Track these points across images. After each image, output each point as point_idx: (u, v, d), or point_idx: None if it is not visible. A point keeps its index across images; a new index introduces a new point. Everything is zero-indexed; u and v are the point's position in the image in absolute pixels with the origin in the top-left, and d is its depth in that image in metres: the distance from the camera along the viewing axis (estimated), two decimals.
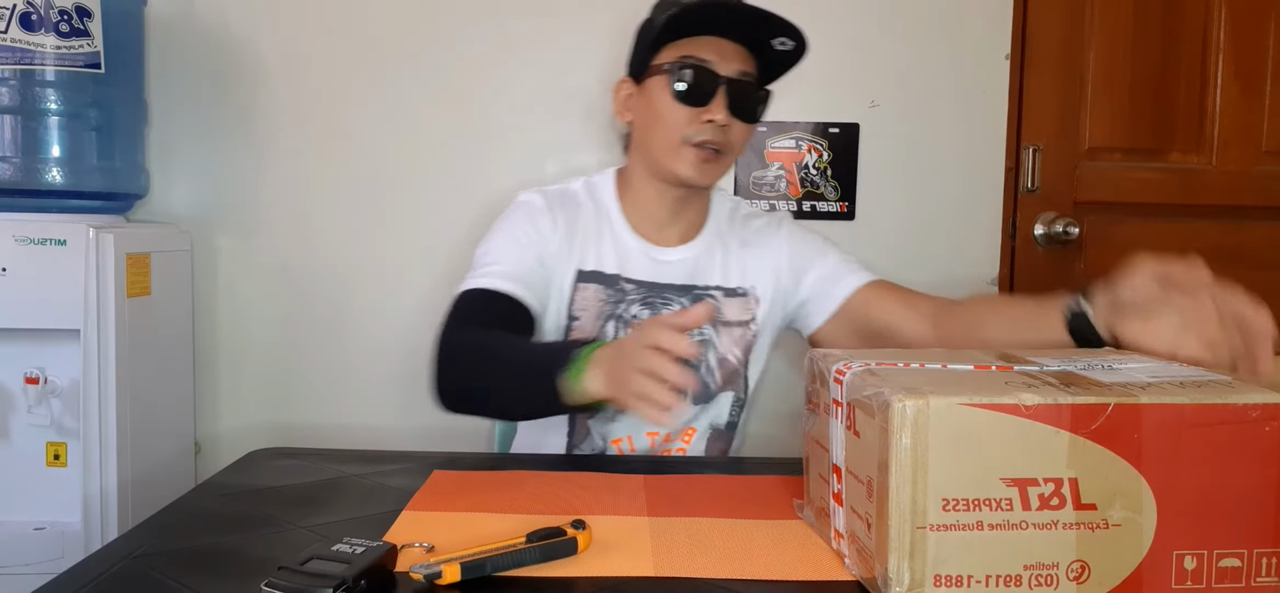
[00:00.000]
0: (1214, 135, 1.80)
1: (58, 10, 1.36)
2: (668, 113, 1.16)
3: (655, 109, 1.18)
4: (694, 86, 1.15)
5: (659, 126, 1.18)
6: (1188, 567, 0.65)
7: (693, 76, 1.15)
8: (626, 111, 1.24)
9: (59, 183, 1.41)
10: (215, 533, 0.82)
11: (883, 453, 0.65)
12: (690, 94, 1.15)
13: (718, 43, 1.16)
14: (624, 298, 1.22)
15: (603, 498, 0.92)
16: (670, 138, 1.17)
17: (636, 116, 1.23)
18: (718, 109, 1.15)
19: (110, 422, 1.38)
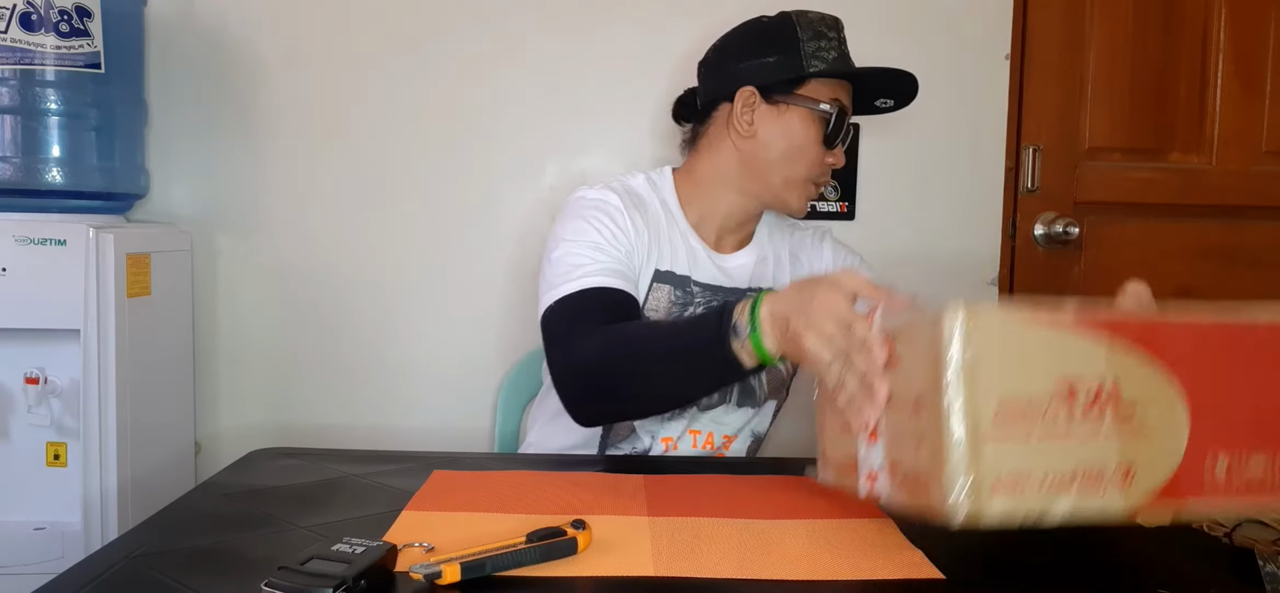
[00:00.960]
0: (1214, 135, 1.80)
1: (58, 10, 1.36)
2: (808, 149, 1.17)
3: (793, 139, 1.17)
4: (839, 132, 1.17)
5: (792, 158, 1.18)
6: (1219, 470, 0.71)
7: (843, 124, 1.17)
8: (749, 127, 1.18)
9: (59, 183, 1.41)
10: (215, 533, 0.82)
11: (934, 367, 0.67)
12: (833, 138, 1.17)
13: (847, 86, 1.19)
14: (692, 301, 1.21)
15: (603, 498, 0.92)
16: (799, 172, 1.18)
17: (761, 133, 1.18)
18: (840, 154, 1.20)
19: (110, 422, 1.38)
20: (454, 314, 1.69)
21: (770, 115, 1.18)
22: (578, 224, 1.15)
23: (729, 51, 1.23)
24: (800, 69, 1.15)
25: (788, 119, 1.17)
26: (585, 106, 1.68)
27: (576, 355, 1.05)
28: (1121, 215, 1.80)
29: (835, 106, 1.16)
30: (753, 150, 1.19)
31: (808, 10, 1.19)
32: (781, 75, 1.17)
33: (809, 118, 1.16)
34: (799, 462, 1.01)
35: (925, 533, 0.84)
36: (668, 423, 1.23)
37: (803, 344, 0.84)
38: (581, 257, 1.12)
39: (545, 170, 1.69)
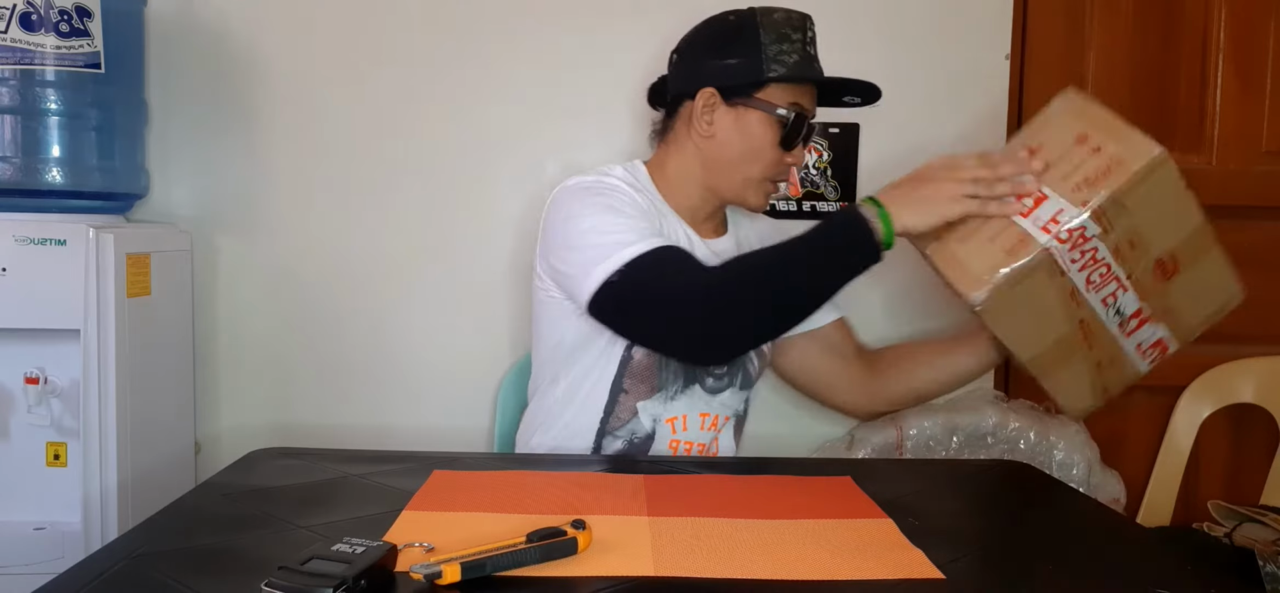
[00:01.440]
0: (1214, 135, 1.79)
1: (58, 10, 1.36)
2: (766, 151, 1.20)
3: (751, 141, 1.19)
4: (797, 135, 1.20)
5: (749, 159, 1.20)
6: None
7: (801, 128, 1.19)
8: (709, 127, 1.21)
9: (59, 183, 1.41)
10: (215, 533, 0.82)
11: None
12: (790, 140, 1.19)
13: (809, 88, 1.22)
14: None
15: (603, 498, 0.92)
16: (756, 172, 1.21)
17: (720, 133, 1.21)
18: (800, 154, 1.22)
19: (110, 422, 1.38)
20: (454, 314, 1.69)
21: (729, 117, 1.20)
22: (597, 200, 1.16)
23: (695, 48, 1.25)
24: (760, 73, 1.17)
25: (746, 121, 1.19)
26: (585, 106, 1.68)
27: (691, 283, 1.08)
28: None
29: (793, 110, 1.18)
30: (712, 150, 1.22)
31: (775, 9, 1.21)
32: (741, 78, 1.19)
33: (767, 120, 1.19)
34: (796, 462, 1.01)
35: (925, 533, 0.84)
36: (671, 404, 1.24)
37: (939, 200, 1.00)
38: (622, 227, 1.12)
39: (545, 170, 1.69)
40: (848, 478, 1.02)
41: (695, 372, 1.24)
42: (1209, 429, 1.77)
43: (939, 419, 1.63)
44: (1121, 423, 1.80)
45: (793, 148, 1.20)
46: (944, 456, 1.61)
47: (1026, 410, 1.65)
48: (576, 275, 1.14)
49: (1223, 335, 1.80)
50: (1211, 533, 1.50)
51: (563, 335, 1.24)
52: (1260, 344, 1.80)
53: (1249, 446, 1.80)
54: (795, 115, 1.18)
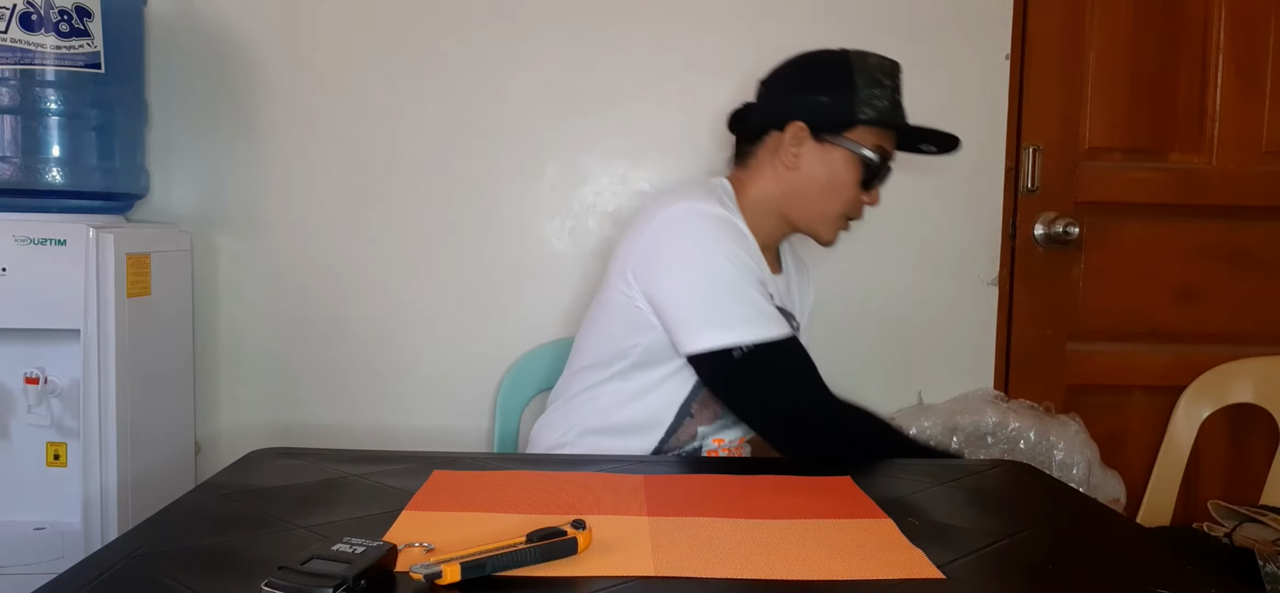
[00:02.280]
0: (1214, 135, 1.80)
1: (58, 10, 1.36)
2: (846, 189, 1.24)
3: (834, 177, 1.23)
4: (878, 176, 1.25)
5: (830, 194, 1.24)
6: None
7: (883, 169, 1.24)
8: (794, 159, 1.24)
9: (59, 183, 1.41)
10: (215, 533, 0.82)
11: None
12: (871, 181, 1.24)
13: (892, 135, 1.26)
14: None
15: (603, 498, 0.92)
16: (834, 209, 1.26)
17: (804, 166, 1.24)
18: (876, 194, 1.27)
19: (110, 422, 1.38)
20: (454, 314, 1.69)
21: (816, 152, 1.24)
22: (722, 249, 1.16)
23: (787, 81, 1.28)
24: (851, 113, 1.21)
25: (831, 157, 1.23)
26: (585, 106, 1.68)
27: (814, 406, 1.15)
28: (1121, 215, 1.80)
29: (878, 153, 1.23)
30: (794, 182, 1.25)
31: (870, 53, 1.24)
32: (832, 116, 1.23)
33: (852, 160, 1.23)
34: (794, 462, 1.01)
35: (925, 533, 0.84)
36: (727, 430, 1.27)
37: None
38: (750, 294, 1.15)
39: (545, 170, 1.69)
40: (848, 478, 1.02)
41: None
42: (1209, 429, 1.77)
43: (939, 419, 1.63)
44: (1121, 423, 1.80)
45: (872, 188, 1.26)
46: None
47: (1026, 410, 1.66)
48: (687, 322, 1.15)
49: (1223, 335, 1.81)
50: (1211, 533, 1.50)
51: (636, 344, 1.22)
52: (1260, 344, 1.80)
53: (1249, 445, 1.80)
54: (880, 157, 1.23)
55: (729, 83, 1.67)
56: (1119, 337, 1.82)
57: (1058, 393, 1.78)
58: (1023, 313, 1.79)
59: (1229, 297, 1.82)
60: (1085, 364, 1.81)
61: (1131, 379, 1.82)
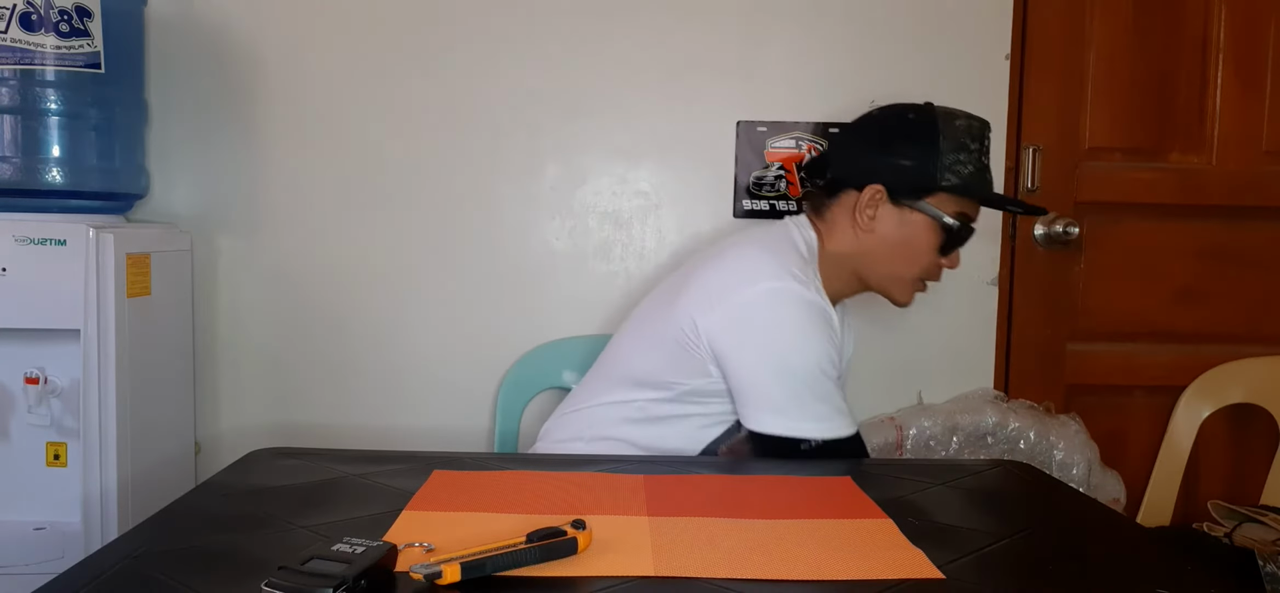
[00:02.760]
0: (1214, 135, 1.80)
1: (58, 10, 1.36)
2: (924, 255, 1.21)
3: (912, 243, 1.21)
4: (958, 242, 1.22)
5: (907, 259, 1.22)
6: None
7: (964, 236, 1.21)
8: (871, 222, 1.21)
9: (59, 183, 1.41)
10: (215, 533, 0.82)
11: None
12: (951, 247, 1.21)
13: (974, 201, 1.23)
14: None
15: (603, 498, 0.92)
16: (910, 274, 1.23)
17: (882, 230, 1.21)
18: (956, 258, 1.23)
19: (110, 422, 1.38)
20: (454, 314, 1.69)
21: (894, 216, 1.20)
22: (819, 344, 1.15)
23: (868, 138, 1.25)
24: (933, 181, 1.18)
25: (910, 222, 1.20)
26: (585, 106, 1.68)
27: None
28: (1121, 215, 1.80)
29: (959, 219, 1.20)
30: (870, 245, 1.22)
31: (957, 113, 1.21)
32: (913, 181, 1.19)
33: (932, 226, 1.20)
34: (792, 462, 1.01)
35: (925, 533, 0.84)
36: None
37: None
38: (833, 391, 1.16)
39: (545, 170, 1.69)
40: (848, 478, 1.02)
41: None
42: (1209, 429, 1.77)
43: (939, 419, 1.63)
44: (1121, 423, 1.80)
45: (951, 252, 1.22)
46: (944, 456, 1.61)
47: (1026, 410, 1.66)
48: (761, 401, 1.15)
49: (1223, 335, 1.81)
50: (1211, 533, 1.50)
51: (683, 383, 1.21)
52: (1260, 344, 1.80)
53: (1249, 446, 1.80)
54: (961, 224, 1.20)
55: (729, 82, 1.67)
56: (1119, 337, 1.82)
57: (1058, 393, 1.78)
58: (1023, 313, 1.79)
59: (1229, 297, 1.82)
60: (1085, 364, 1.81)
61: (1131, 379, 1.82)
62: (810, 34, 1.68)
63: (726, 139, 1.67)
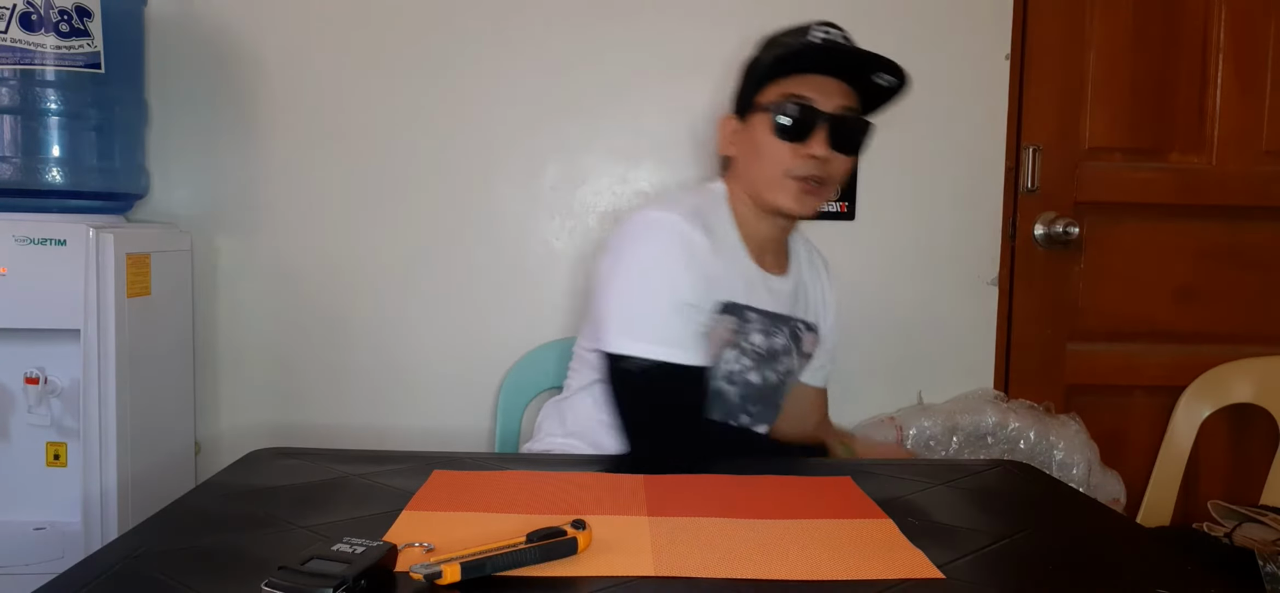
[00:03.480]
0: (1214, 135, 1.80)
1: (58, 10, 1.36)
2: (770, 149, 1.21)
3: (758, 145, 1.22)
4: (796, 123, 1.19)
5: (762, 161, 1.22)
6: None
7: (795, 113, 1.19)
8: (731, 146, 1.27)
9: (59, 183, 1.41)
10: (215, 533, 0.82)
11: None
12: (792, 130, 1.19)
13: (821, 80, 1.20)
14: (746, 326, 1.23)
15: (603, 498, 0.92)
16: (772, 172, 1.22)
17: (740, 151, 1.25)
18: (819, 144, 1.19)
19: (110, 422, 1.38)
20: (454, 314, 1.69)
21: (743, 131, 1.25)
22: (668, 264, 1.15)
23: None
24: (755, 81, 1.22)
25: (752, 128, 1.23)
26: (585, 106, 1.68)
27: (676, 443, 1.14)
28: (1121, 215, 1.80)
29: (790, 101, 1.19)
30: (739, 168, 1.26)
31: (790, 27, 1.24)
32: (743, 93, 1.25)
33: (765, 119, 1.21)
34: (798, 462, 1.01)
35: (925, 533, 0.84)
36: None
37: None
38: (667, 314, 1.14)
39: (545, 170, 1.69)
40: (848, 478, 1.02)
41: (735, 410, 1.26)
42: (1209, 429, 1.77)
43: (939, 419, 1.63)
44: (1121, 423, 1.80)
45: (803, 138, 1.18)
46: (944, 456, 1.61)
47: (1026, 410, 1.66)
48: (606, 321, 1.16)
49: (1223, 335, 1.81)
50: (1211, 533, 1.50)
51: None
52: (1260, 344, 1.80)
53: (1249, 446, 1.80)
54: (794, 105, 1.18)
55: (729, 82, 1.67)
56: (1119, 337, 1.82)
57: (1058, 393, 1.78)
58: (1023, 313, 1.79)
59: (1229, 297, 1.82)
60: (1085, 364, 1.81)
61: (1131, 379, 1.82)
62: None
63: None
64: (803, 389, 1.40)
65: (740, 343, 1.22)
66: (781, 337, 1.27)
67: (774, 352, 1.26)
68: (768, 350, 1.25)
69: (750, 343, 1.23)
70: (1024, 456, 1.59)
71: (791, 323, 1.29)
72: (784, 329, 1.27)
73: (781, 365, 1.28)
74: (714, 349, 1.20)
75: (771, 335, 1.26)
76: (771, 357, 1.26)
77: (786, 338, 1.28)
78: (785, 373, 1.29)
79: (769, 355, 1.26)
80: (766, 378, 1.27)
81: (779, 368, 1.28)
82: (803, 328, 1.31)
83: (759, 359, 1.25)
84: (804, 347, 1.32)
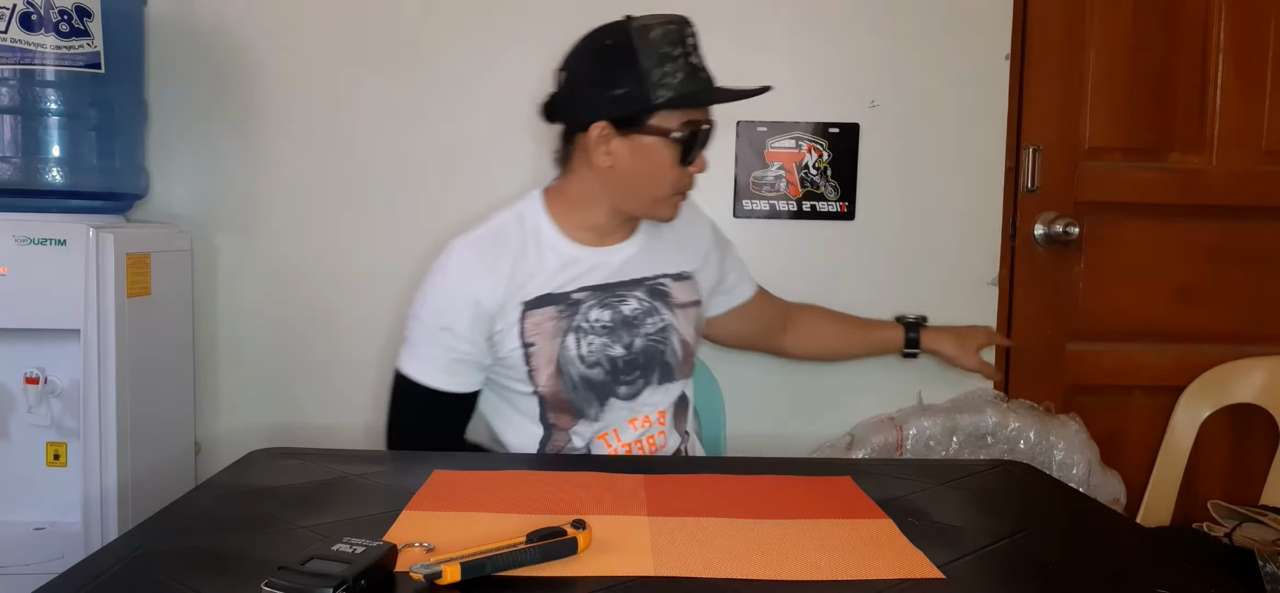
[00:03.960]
0: (1214, 135, 1.79)
1: (58, 10, 1.36)
2: (666, 171, 1.21)
3: (651, 165, 1.21)
4: (694, 149, 1.21)
5: (652, 181, 1.22)
6: None
7: (697, 141, 1.21)
8: (607, 157, 1.21)
9: (59, 183, 1.41)
10: (215, 533, 0.82)
11: None
12: (688, 157, 1.21)
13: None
14: (579, 307, 1.24)
15: (603, 498, 0.92)
16: (661, 191, 1.23)
17: (618, 163, 1.21)
18: (702, 162, 1.23)
19: (110, 422, 1.38)
20: None
21: (625, 146, 1.21)
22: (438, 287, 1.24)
23: (580, 77, 1.24)
24: (648, 101, 1.17)
25: (643, 148, 1.20)
26: None
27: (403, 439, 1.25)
28: (1121, 215, 1.80)
29: (687, 128, 1.19)
30: (614, 178, 1.23)
31: (651, 23, 1.18)
32: (631, 108, 1.18)
33: (664, 144, 1.19)
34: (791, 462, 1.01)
35: (925, 533, 0.84)
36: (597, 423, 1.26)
37: None
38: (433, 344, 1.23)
39: (546, 170, 1.68)
40: (848, 478, 1.02)
41: (607, 389, 1.25)
42: (1209, 429, 1.77)
43: (939, 419, 1.63)
44: (1121, 423, 1.80)
45: (692, 162, 1.22)
46: (944, 456, 1.61)
47: (1026, 410, 1.66)
48: (405, 339, 1.27)
49: (1223, 335, 1.81)
50: (1211, 533, 1.50)
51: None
52: (1260, 344, 1.80)
53: (1249, 445, 1.80)
54: (689, 134, 1.19)
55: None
56: (1119, 337, 1.82)
57: (1058, 393, 1.78)
58: (1023, 313, 1.79)
59: (1229, 297, 1.82)
60: (1085, 364, 1.81)
61: (1131, 379, 1.82)
62: (810, 34, 1.68)
63: (726, 139, 1.67)
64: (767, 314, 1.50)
65: (578, 325, 1.23)
66: (634, 301, 1.26)
67: (629, 319, 1.25)
68: (619, 319, 1.25)
69: (589, 321, 1.23)
70: (1024, 456, 1.59)
71: (645, 283, 1.28)
72: (635, 292, 1.27)
73: (648, 326, 1.27)
74: (545, 341, 1.22)
75: (618, 304, 1.25)
76: (628, 324, 1.25)
77: (643, 299, 1.27)
78: (659, 331, 1.27)
79: (624, 323, 1.25)
80: (632, 345, 1.26)
81: (644, 330, 1.27)
82: (668, 280, 1.30)
83: (611, 330, 1.24)
84: (673, 298, 1.30)
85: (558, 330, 1.22)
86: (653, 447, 1.28)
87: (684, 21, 1.20)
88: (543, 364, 1.22)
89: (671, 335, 1.29)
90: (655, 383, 1.28)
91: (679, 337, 1.30)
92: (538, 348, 1.22)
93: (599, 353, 1.24)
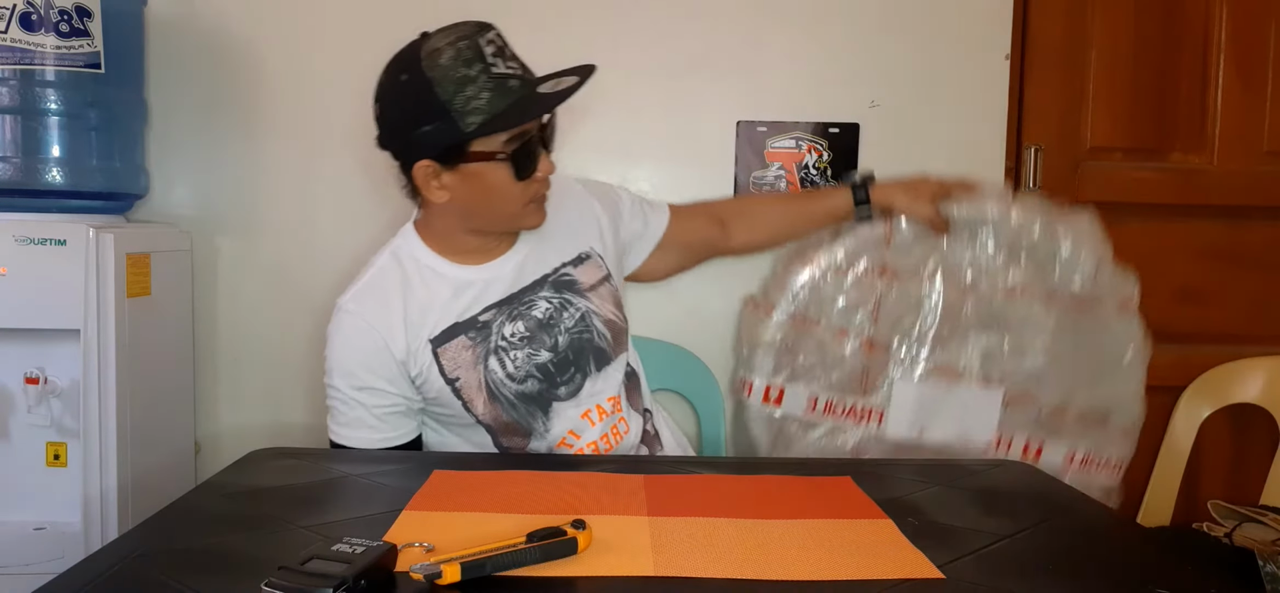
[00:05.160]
0: (1215, 135, 1.79)
1: (58, 10, 1.36)
2: (508, 187, 1.15)
3: (489, 188, 1.15)
4: (530, 160, 1.15)
5: (496, 201, 1.17)
6: None
7: (531, 150, 1.15)
8: (442, 192, 1.16)
9: (59, 183, 1.41)
10: (215, 533, 0.82)
11: None
12: (527, 168, 1.15)
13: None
14: (490, 328, 1.21)
15: (603, 498, 0.92)
16: (514, 207, 1.18)
17: (457, 194, 1.16)
18: (546, 162, 1.18)
19: (110, 422, 1.38)
20: None
21: (456, 177, 1.15)
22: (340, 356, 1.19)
23: (387, 117, 1.17)
24: (460, 135, 1.10)
25: (474, 175, 1.14)
26: (581, 106, 1.67)
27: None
28: (1122, 215, 1.79)
29: (515, 144, 1.13)
30: (459, 207, 1.18)
31: (439, 49, 1.11)
32: (446, 142, 1.11)
33: (496, 167, 1.14)
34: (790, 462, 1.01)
35: (925, 533, 0.84)
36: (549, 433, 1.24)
37: None
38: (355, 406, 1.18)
39: None
40: (848, 478, 1.02)
41: (545, 397, 1.23)
42: (1209, 429, 1.77)
43: None
44: None
45: (533, 172, 1.16)
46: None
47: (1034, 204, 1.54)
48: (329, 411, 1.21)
49: (1223, 335, 1.81)
50: (1211, 533, 1.50)
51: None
52: (1260, 344, 1.80)
53: (1249, 445, 1.80)
54: (518, 148, 1.13)
55: (729, 82, 1.67)
56: None
57: None
58: None
59: (1229, 297, 1.82)
60: None
61: None
62: (810, 34, 1.67)
63: (726, 139, 1.67)
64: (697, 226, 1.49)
65: (495, 346, 1.20)
66: (543, 302, 1.24)
67: (545, 321, 1.23)
68: (534, 325, 1.22)
69: (505, 338, 1.21)
70: (1025, 251, 1.50)
71: (547, 280, 1.26)
72: (540, 294, 1.24)
73: (566, 321, 1.25)
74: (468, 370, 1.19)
75: (527, 312, 1.22)
76: (545, 326, 1.23)
77: (551, 296, 1.24)
78: (578, 321, 1.25)
79: (541, 327, 1.23)
80: (558, 343, 1.23)
81: (564, 326, 1.24)
82: (570, 268, 1.27)
83: (531, 339, 1.22)
84: (581, 284, 1.27)
85: (477, 358, 1.19)
86: (618, 437, 1.26)
87: (477, 29, 1.12)
88: (474, 395, 1.19)
89: (593, 320, 1.26)
90: (593, 372, 1.26)
91: (600, 319, 1.27)
92: (463, 381, 1.19)
93: (526, 365, 1.21)
